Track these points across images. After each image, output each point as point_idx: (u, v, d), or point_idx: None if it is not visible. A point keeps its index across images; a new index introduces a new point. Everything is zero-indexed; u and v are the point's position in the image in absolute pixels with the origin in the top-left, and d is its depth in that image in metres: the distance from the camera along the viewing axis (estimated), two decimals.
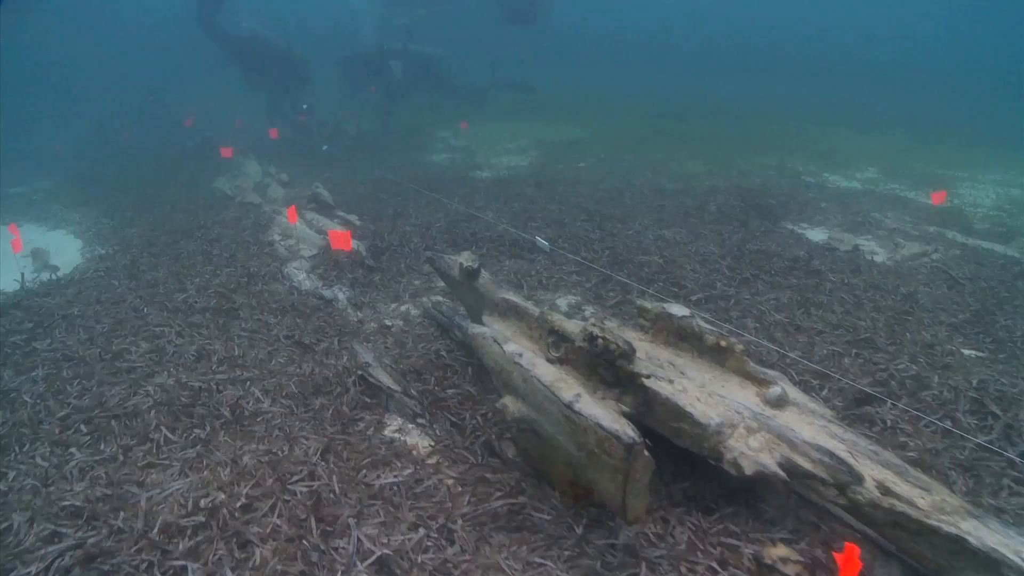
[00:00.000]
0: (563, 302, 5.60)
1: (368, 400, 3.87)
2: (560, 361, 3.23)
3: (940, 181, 10.27)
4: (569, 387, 2.66)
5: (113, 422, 3.55)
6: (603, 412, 2.54)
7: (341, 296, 5.27)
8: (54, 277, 6.04)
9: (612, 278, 5.82)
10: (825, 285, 5.76)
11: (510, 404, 2.92)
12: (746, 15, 35.69)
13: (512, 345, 3.01)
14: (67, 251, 7.26)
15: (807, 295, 5.52)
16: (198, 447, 3.31)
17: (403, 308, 5.21)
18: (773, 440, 2.78)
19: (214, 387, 3.85)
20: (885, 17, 34.80)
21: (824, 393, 3.82)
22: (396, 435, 3.58)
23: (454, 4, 19.78)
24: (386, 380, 3.95)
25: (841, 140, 13.38)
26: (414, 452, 3.43)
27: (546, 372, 2.78)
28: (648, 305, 3.38)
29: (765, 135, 13.61)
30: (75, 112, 18.10)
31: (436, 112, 15.45)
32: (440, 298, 5.52)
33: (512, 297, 3.58)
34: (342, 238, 5.47)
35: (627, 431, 2.46)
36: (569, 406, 2.59)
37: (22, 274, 5.84)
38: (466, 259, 3.99)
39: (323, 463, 3.18)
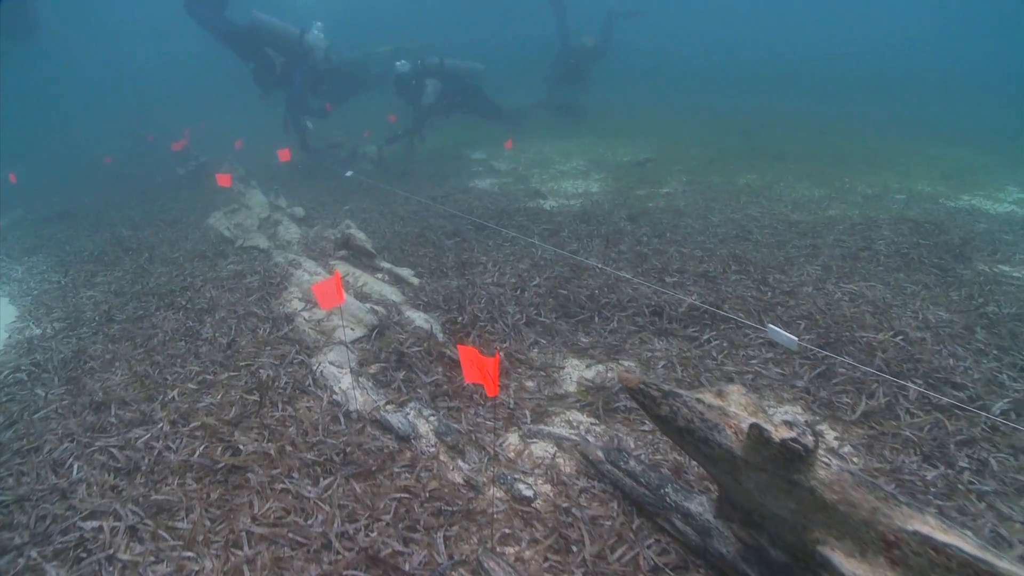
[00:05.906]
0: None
1: None
2: None
3: None
4: None
5: None
6: None
7: (423, 428, 3.02)
8: None
9: (833, 371, 3.67)
10: None
11: None
12: (800, 29, 34.47)
13: None
14: None
15: None
16: None
17: (536, 450, 2.94)
18: None
19: None
20: (942, 28, 33.55)
21: None
22: None
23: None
24: None
25: (944, 155, 11.36)
26: None
27: None
28: None
29: (854, 151, 11.58)
30: (42, 135, 15.93)
31: (467, 131, 13.37)
32: (587, 419, 3.28)
33: (961, 542, 1.38)
34: (484, 368, 2.16)
35: None
36: None
37: None
38: (754, 413, 1.81)
39: None
